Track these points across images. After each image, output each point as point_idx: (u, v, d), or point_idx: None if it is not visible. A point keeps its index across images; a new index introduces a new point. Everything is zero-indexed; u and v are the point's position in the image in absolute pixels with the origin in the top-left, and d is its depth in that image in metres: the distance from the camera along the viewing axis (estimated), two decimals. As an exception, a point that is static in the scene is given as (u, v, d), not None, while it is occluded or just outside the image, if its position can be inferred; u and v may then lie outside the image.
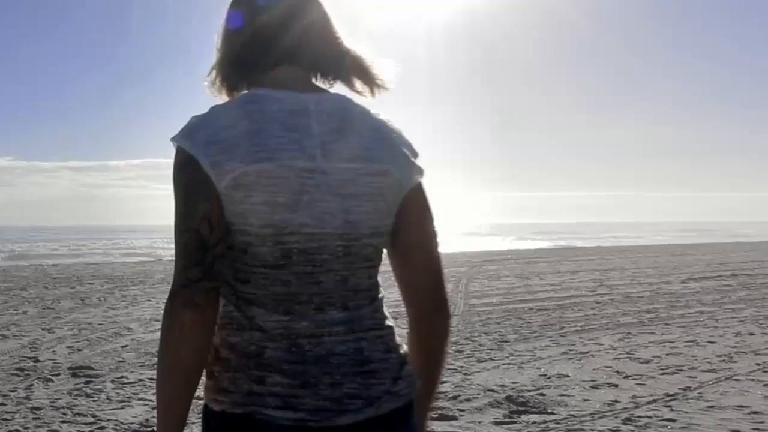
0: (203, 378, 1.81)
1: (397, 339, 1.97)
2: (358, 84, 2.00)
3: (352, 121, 1.88)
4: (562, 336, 11.39)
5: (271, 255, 1.76)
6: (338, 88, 2.00)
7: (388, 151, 1.88)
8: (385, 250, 1.96)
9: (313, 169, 1.77)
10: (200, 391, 1.78)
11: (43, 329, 12.32)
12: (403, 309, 2.03)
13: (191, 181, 1.75)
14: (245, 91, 1.95)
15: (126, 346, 10.63)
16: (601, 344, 10.67)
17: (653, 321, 13.11)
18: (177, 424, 1.77)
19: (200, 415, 1.90)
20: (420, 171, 1.94)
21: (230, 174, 1.71)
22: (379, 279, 1.93)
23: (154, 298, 17.21)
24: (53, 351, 10.23)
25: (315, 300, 1.79)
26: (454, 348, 10.15)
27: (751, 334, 11.65)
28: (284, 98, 1.84)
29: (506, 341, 10.86)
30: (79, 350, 10.32)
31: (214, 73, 2.01)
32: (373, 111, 1.96)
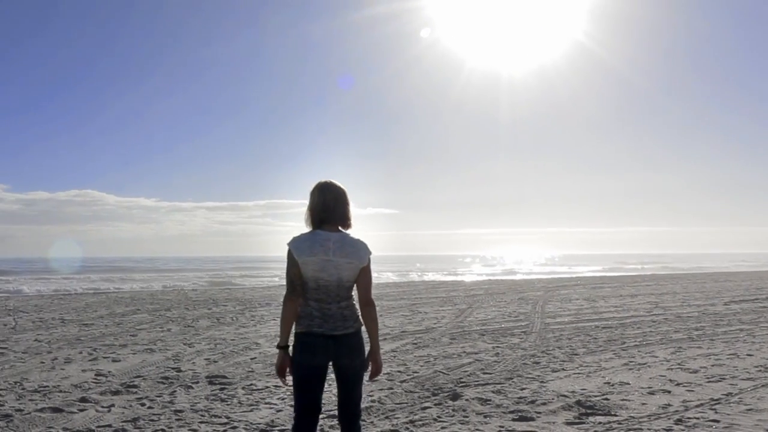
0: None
1: (356, 311, 4.22)
2: (348, 228, 4.25)
3: (344, 242, 4.13)
4: (623, 350, 11.12)
5: (314, 285, 4.08)
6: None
7: (355, 254, 4.14)
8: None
9: (329, 259, 4.06)
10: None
11: (184, 344, 12.21)
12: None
13: (290, 260, 4.08)
14: (312, 230, 4.16)
15: (255, 358, 10.56)
16: (657, 357, 10.39)
17: (700, 337, 12.71)
18: (286, 332, 4.12)
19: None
20: (366, 258, 4.18)
21: (301, 259, 4.04)
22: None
23: (278, 317, 16.14)
24: (193, 362, 10.16)
25: (328, 299, 4.10)
26: (531, 360, 10.06)
27: (786, 347, 11.22)
28: (323, 234, 4.11)
29: (576, 354, 10.67)
30: (215, 362, 10.22)
31: (305, 219, 4.24)
32: (353, 236, 4.22)
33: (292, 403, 7.37)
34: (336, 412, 4.40)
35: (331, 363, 4.13)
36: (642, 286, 31.39)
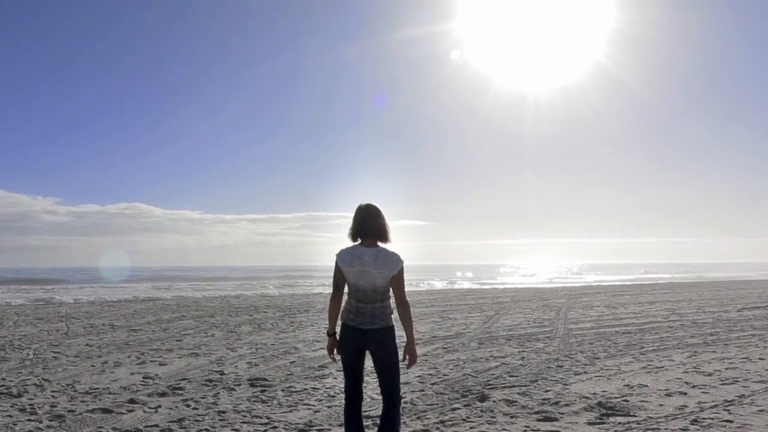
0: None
1: (389, 310, 4.76)
2: (385, 241, 4.77)
3: (378, 255, 4.68)
4: (642, 354, 11.02)
5: (354, 289, 4.71)
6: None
7: (386, 265, 4.66)
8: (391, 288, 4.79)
9: (364, 270, 4.65)
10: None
11: (227, 348, 12.13)
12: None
13: (336, 268, 4.75)
14: (354, 244, 4.79)
15: (294, 362, 10.51)
16: (673, 360, 10.28)
17: (715, 342, 12.54)
18: (333, 323, 4.89)
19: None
20: (397, 268, 4.67)
21: (344, 269, 4.70)
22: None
23: (316, 323, 16.84)
24: (235, 366, 10.11)
25: (365, 300, 4.69)
26: (555, 363, 10.01)
27: (797, 352, 11.01)
28: (361, 249, 4.70)
29: (597, 358, 10.59)
30: (256, 365, 10.19)
31: (348, 234, 4.82)
32: (389, 249, 4.73)
33: (329, 404, 7.46)
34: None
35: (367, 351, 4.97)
36: (659, 293, 31.01)
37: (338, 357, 4.96)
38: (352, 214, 4.95)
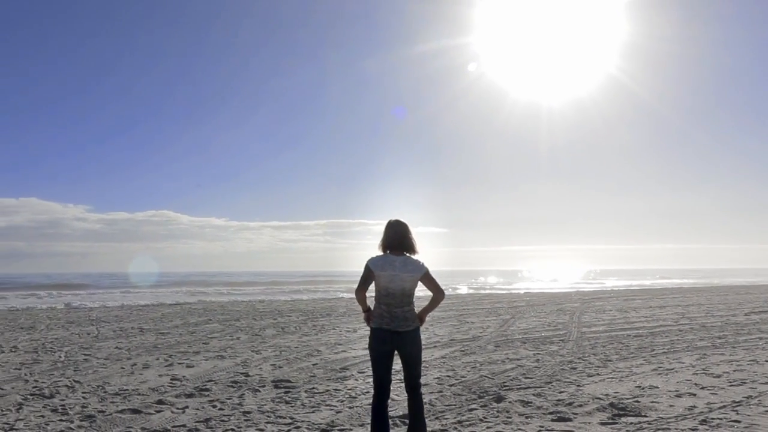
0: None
1: (415, 313, 5.31)
2: (412, 253, 5.33)
3: (407, 262, 5.24)
4: (652, 356, 11.01)
5: (384, 293, 5.20)
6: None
7: (414, 269, 5.22)
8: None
9: (396, 274, 5.17)
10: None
11: (252, 351, 12.14)
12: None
13: (366, 270, 5.24)
14: (383, 253, 5.31)
15: (316, 364, 10.54)
16: (683, 363, 10.28)
17: (723, 345, 12.51)
18: (363, 304, 5.35)
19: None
20: (423, 270, 5.25)
21: (376, 272, 5.20)
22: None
23: (338, 327, 16.84)
24: (260, 368, 10.11)
25: (395, 304, 5.19)
26: (569, 365, 10.05)
27: (805, 354, 10.95)
28: (391, 257, 5.25)
29: (610, 360, 10.60)
30: (279, 367, 10.19)
31: (378, 246, 5.34)
32: (414, 258, 5.29)
33: (351, 405, 7.53)
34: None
35: (396, 350, 5.34)
36: (669, 298, 30.82)
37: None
38: (373, 221, 5.59)
